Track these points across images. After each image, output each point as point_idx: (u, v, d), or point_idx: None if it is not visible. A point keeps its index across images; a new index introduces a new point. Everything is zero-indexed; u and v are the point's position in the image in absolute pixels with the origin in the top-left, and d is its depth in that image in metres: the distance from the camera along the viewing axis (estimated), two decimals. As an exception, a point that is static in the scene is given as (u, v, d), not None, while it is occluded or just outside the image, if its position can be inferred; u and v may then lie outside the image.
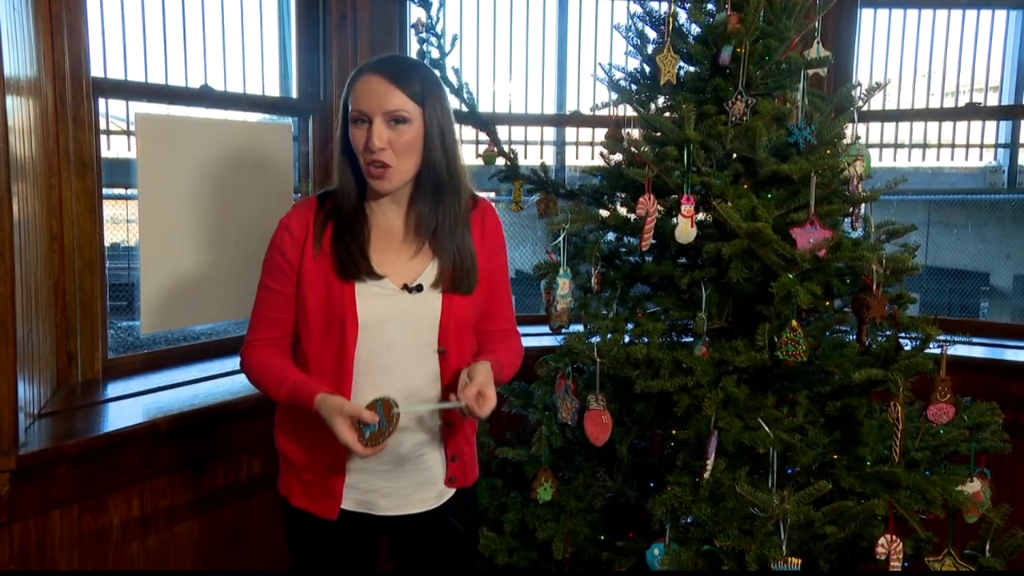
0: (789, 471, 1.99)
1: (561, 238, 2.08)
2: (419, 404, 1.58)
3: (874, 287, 1.90)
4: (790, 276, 1.90)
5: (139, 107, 2.42)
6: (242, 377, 2.43)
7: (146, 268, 2.35)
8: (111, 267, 2.62)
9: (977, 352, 2.93)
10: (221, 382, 2.36)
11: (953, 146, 3.58)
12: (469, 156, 2.87)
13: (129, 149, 2.28)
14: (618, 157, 2.22)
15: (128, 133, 2.62)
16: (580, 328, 2.15)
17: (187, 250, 2.46)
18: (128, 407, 2.10)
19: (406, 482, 1.65)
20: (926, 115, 3.48)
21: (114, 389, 2.23)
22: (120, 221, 4.30)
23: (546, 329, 2.23)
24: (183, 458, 2.14)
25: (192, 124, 2.47)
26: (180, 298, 2.45)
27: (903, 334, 2.06)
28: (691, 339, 2.12)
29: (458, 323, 1.61)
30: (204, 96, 2.55)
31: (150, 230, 2.35)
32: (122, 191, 3.50)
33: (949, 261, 5.55)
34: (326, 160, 2.84)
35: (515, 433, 2.36)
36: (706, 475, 1.89)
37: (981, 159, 3.73)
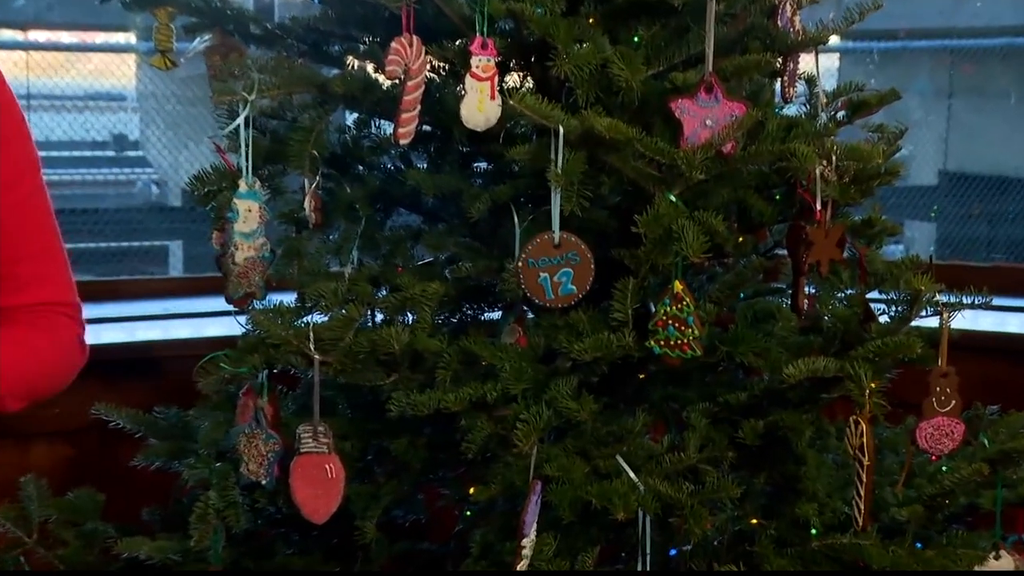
0: (673, 552, 2.10)
1: (241, 120, 2.07)
2: None
3: (817, 208, 2.02)
4: (671, 198, 1.96)
5: None
6: None
7: None
8: None
9: (1026, 326, 3.18)
10: None
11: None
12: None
13: None
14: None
15: None
16: (287, 298, 2.16)
17: None
18: None
19: None
20: None
21: None
22: None
23: (221, 303, 2.23)
24: None
25: None
26: None
27: (876, 293, 2.20)
28: (495, 313, 2.19)
29: None
30: None
31: None
32: None
33: (984, 163, 5.82)
34: None
35: (158, 509, 2.37)
36: (520, 566, 1.96)
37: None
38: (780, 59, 2.18)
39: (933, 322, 2.12)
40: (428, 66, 2.08)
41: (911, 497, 2.16)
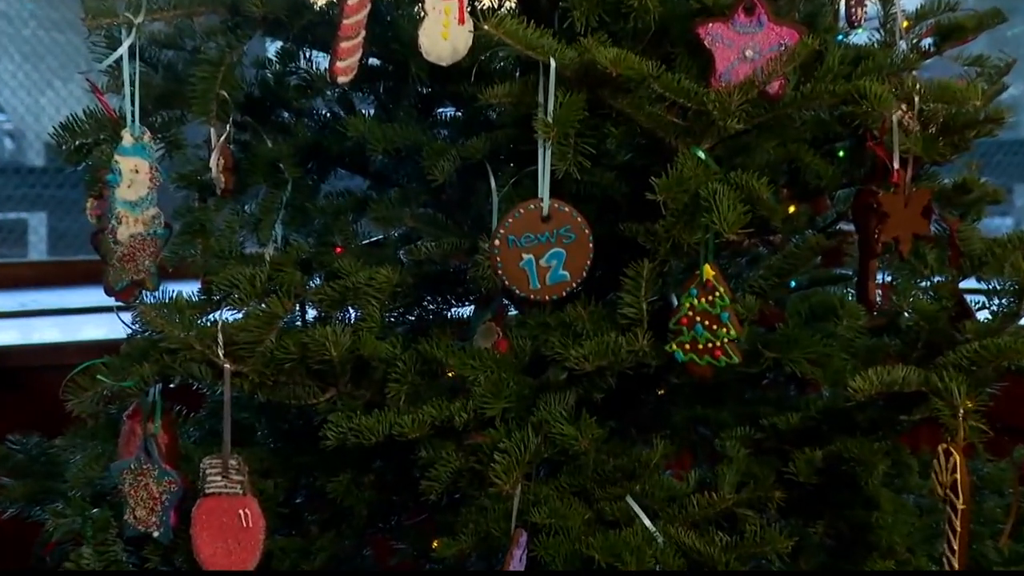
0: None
1: (124, 50, 2.07)
2: None
3: (894, 167, 2.01)
4: (699, 155, 1.97)
5: None
6: None
7: None
8: None
9: None
10: None
11: None
12: None
13: None
14: None
15: None
16: (187, 288, 2.15)
17: None
18: None
19: None
20: None
21: None
22: None
23: (99, 295, 2.21)
24: None
25: None
26: None
27: (973, 282, 2.19)
28: (465, 309, 2.19)
29: None
30: None
31: None
32: None
33: None
34: None
35: (14, 571, 2.42)
36: (500, 646, 1.95)
37: None
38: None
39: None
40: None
41: (1020, 553, 2.16)
